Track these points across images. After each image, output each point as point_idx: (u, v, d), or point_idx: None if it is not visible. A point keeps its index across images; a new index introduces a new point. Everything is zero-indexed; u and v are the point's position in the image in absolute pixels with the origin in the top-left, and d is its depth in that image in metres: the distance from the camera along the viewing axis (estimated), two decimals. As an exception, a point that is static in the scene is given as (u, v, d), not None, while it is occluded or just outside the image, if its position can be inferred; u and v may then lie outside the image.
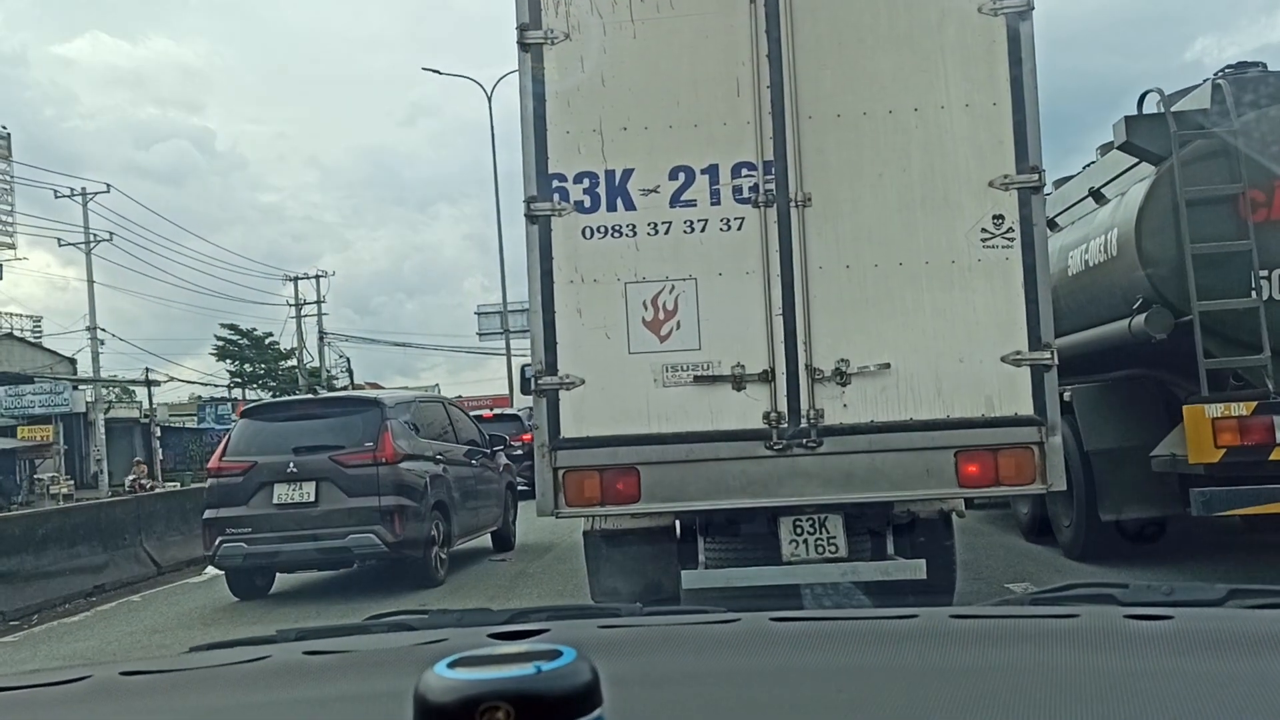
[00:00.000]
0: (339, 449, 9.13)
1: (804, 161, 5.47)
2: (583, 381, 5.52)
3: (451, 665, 0.67)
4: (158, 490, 20.83)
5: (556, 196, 5.53)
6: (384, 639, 1.38)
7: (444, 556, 9.69)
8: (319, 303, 43.21)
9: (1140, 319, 7.07)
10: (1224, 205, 6.84)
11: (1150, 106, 7.39)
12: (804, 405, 5.44)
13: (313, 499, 9.00)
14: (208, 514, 9.32)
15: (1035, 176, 5.42)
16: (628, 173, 5.52)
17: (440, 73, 56.36)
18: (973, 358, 5.38)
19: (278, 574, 9.75)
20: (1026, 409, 5.38)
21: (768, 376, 5.46)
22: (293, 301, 42.86)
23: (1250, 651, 1.03)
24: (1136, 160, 7.32)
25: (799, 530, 5.59)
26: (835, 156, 5.49)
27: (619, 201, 5.52)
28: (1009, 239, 5.42)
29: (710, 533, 5.87)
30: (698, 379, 5.47)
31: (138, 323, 78.53)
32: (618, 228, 5.51)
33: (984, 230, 5.43)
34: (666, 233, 5.49)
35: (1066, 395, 7.85)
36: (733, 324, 5.47)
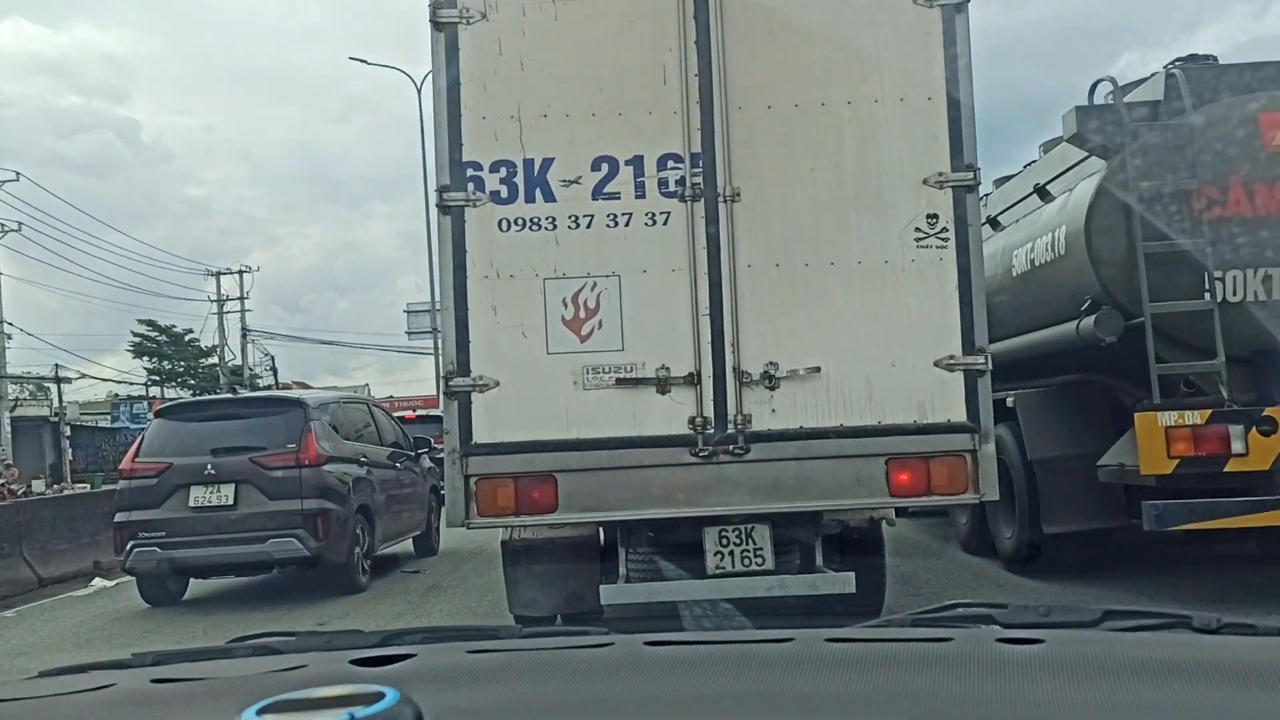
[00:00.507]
0: (260, 450, 8.84)
1: (733, 154, 5.23)
2: (497, 383, 5.20)
3: (260, 712, 0.65)
4: (32, 496, 19.70)
5: (471, 186, 5.22)
6: (244, 664, 1.34)
7: (367, 562, 9.47)
8: (241, 298, 41.91)
9: (1089, 321, 6.76)
10: (1178, 202, 6.48)
11: (1100, 98, 7.06)
12: (731, 410, 5.20)
13: (231, 502, 8.73)
14: (119, 517, 8.95)
15: (970, 175, 5.24)
16: (547, 162, 5.22)
17: (367, 62, 54.87)
18: (905, 362, 5.19)
19: (192, 580, 9.44)
20: (960, 415, 5.20)
21: (693, 380, 5.21)
22: (214, 297, 41.50)
23: (1119, 677, 1.03)
24: (1085, 155, 7.04)
25: (724, 541, 5.34)
26: (766, 150, 5.26)
27: (538, 192, 5.22)
28: (943, 239, 5.24)
29: (632, 544, 5.59)
30: (620, 381, 5.19)
31: (57, 318, 75.64)
32: (536, 220, 5.22)
33: (918, 230, 5.24)
34: (588, 226, 5.21)
35: (1010, 401, 7.70)
36: (657, 324, 5.22)
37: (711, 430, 5.19)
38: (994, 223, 8.46)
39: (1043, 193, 7.71)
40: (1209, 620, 1.30)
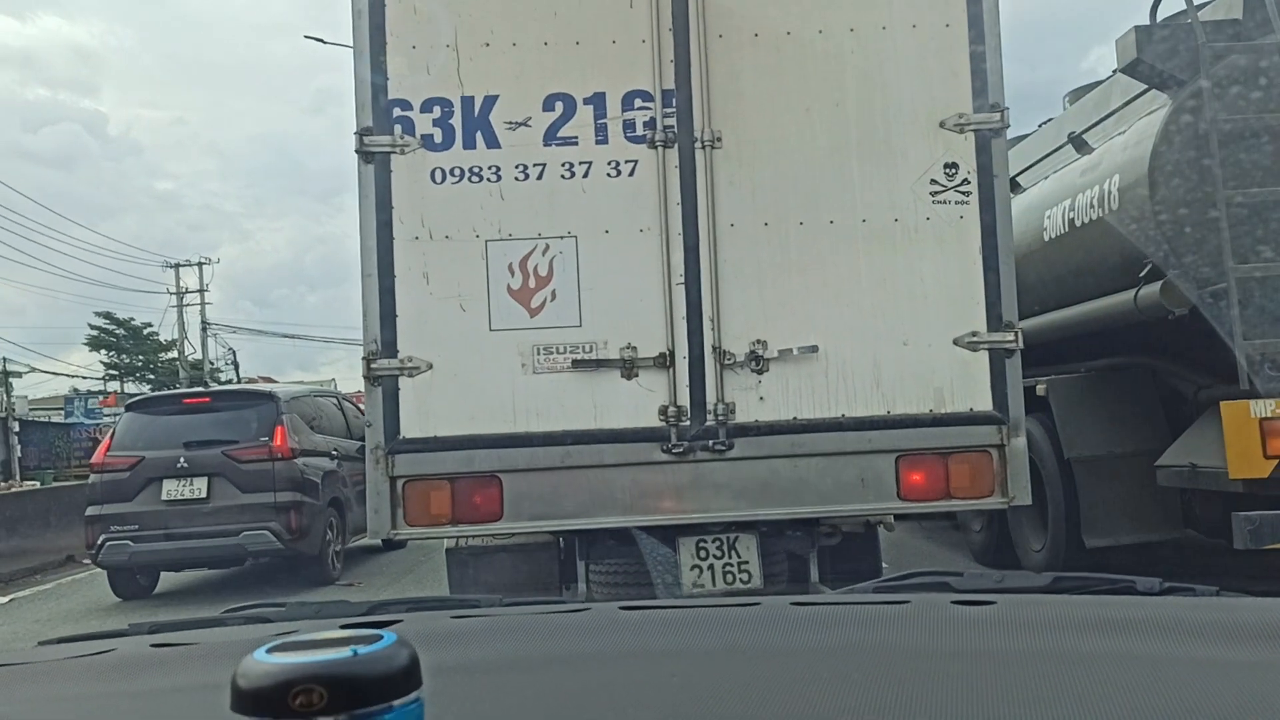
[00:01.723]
0: (232, 444, 8.97)
1: (713, 91, 4.41)
2: (430, 366, 4.35)
3: (270, 650, 0.68)
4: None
5: (398, 129, 4.36)
6: (237, 632, 1.39)
7: (339, 553, 9.63)
8: (201, 291, 40.51)
9: (1152, 289, 5.64)
10: (1268, 141, 5.40)
11: (1165, 16, 5.85)
12: (711, 398, 4.38)
13: (204, 495, 8.84)
14: (90, 510, 8.99)
15: (997, 116, 4.43)
16: (490, 100, 4.37)
17: (324, 41, 52.94)
18: (919, 340, 4.39)
19: (162, 573, 9.52)
20: (984, 404, 4.39)
21: (666, 361, 4.37)
22: (174, 290, 40.19)
23: (1066, 633, 1.11)
24: (1138, 91, 5.92)
25: (703, 554, 4.50)
26: (752, 86, 4.43)
27: (479, 137, 4.39)
28: (964, 193, 4.41)
29: (594, 555, 4.74)
30: (577, 364, 4.35)
31: (23, 312, 74.24)
32: (477, 170, 4.36)
33: (934, 182, 4.42)
34: (539, 178, 4.37)
35: (1040, 389, 6.68)
36: (622, 295, 4.39)
37: (687, 422, 4.38)
38: (1012, 184, 7.36)
39: (1079, 143, 6.64)
40: (1151, 584, 1.39)
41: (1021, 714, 0.86)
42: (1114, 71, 6.15)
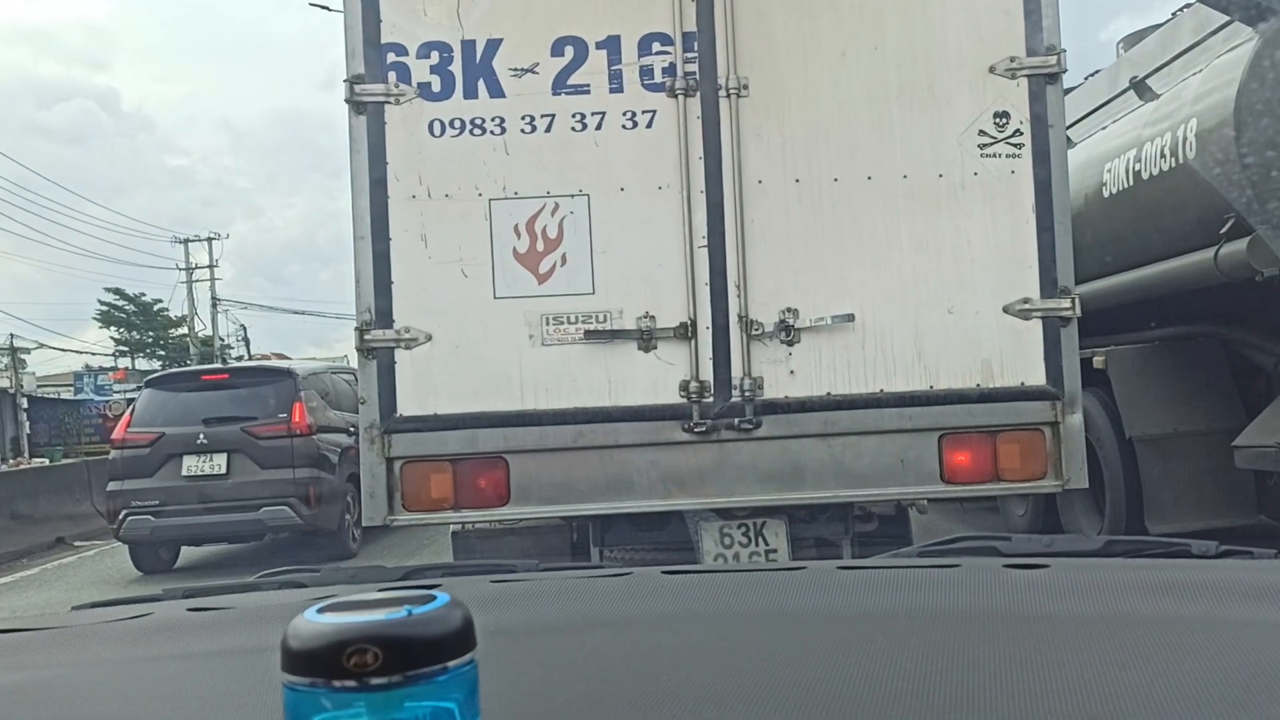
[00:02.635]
0: (251, 420, 9.01)
1: (738, 34, 4.04)
2: (429, 337, 3.99)
3: (321, 611, 0.66)
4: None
5: (393, 76, 3.98)
6: (272, 596, 1.39)
7: (358, 529, 9.43)
8: (211, 266, 40.04)
9: (1236, 247, 5.07)
10: None
11: None
12: (736, 372, 4.02)
13: (224, 471, 8.89)
14: (112, 486, 9.07)
15: (1054, 60, 4.03)
16: (493, 45, 3.99)
17: (329, 9, 52.46)
18: (966, 308, 4.02)
19: (184, 547, 9.62)
20: (1037, 378, 4.02)
21: (687, 332, 4.01)
22: (183, 265, 39.75)
23: (1121, 597, 1.09)
24: (1215, 25, 5.35)
25: (728, 541, 4.15)
26: (782, 28, 4.05)
27: (481, 85, 4.01)
28: (1016, 145, 4.02)
29: (608, 542, 4.40)
30: (590, 335, 3.99)
31: (37, 289, 74.21)
32: (479, 122, 3.99)
33: (983, 133, 4.03)
34: (548, 130, 4.00)
35: (1098, 361, 6.19)
36: (639, 259, 4.03)
37: (710, 399, 4.01)
38: None
39: (1141, 89, 6.07)
40: (1208, 547, 1.34)
41: (1079, 677, 0.83)
42: (1174, 14, 5.68)
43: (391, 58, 3.99)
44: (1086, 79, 7.30)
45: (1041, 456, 4.06)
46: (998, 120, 4.03)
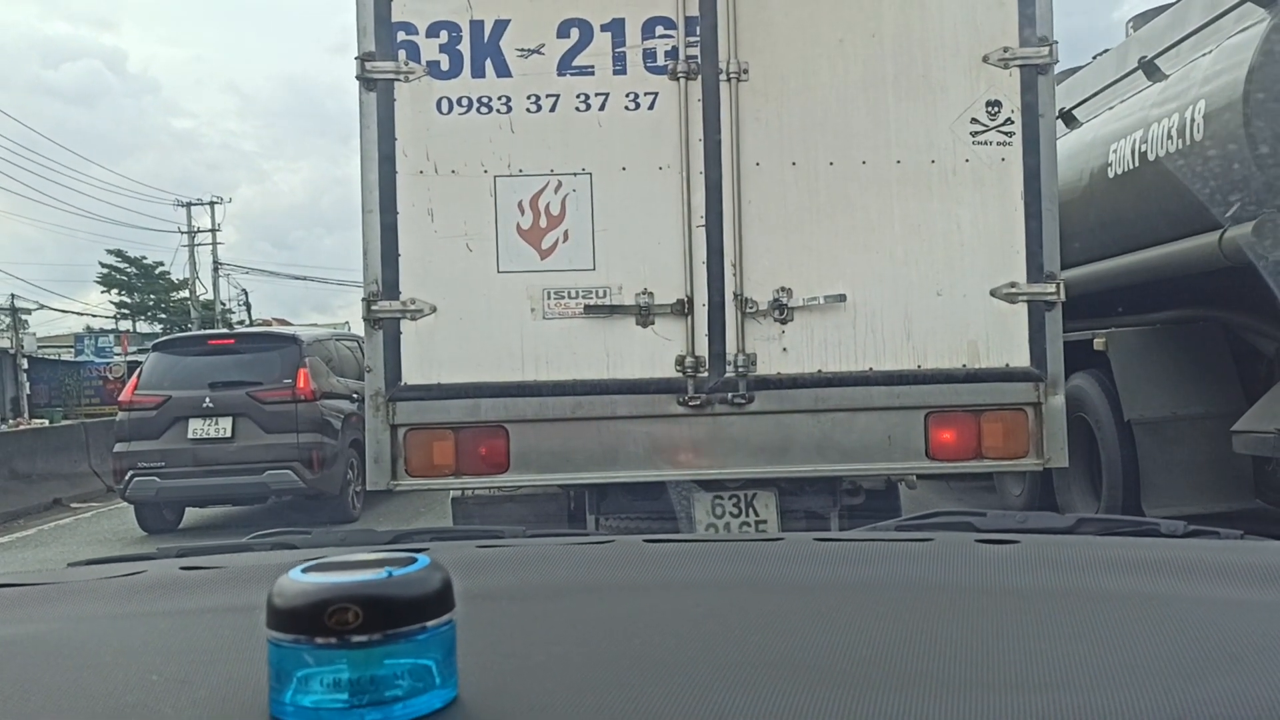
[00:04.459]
0: (256, 385, 9.14)
1: (739, 20, 4.13)
2: (433, 309, 4.12)
3: (305, 570, 0.69)
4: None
5: (403, 54, 4.08)
6: (264, 556, 1.40)
7: (359, 493, 9.64)
8: (214, 230, 39.89)
9: (1243, 230, 4.96)
10: None
11: None
12: (731, 348, 4.14)
13: (229, 434, 9.03)
14: (118, 447, 9.22)
15: (1045, 51, 4.12)
16: (501, 25, 4.09)
17: None
18: (954, 290, 4.13)
19: (188, 509, 9.79)
20: (1022, 359, 4.14)
21: (684, 309, 4.13)
22: (185, 228, 39.66)
23: (1090, 573, 1.11)
24: (1218, 12, 5.33)
25: (719, 511, 4.29)
26: (782, 15, 4.14)
27: (488, 64, 4.10)
28: (1007, 133, 4.12)
29: (604, 510, 4.53)
30: (590, 309, 4.11)
31: (40, 250, 74.22)
32: (486, 100, 4.09)
33: (975, 121, 4.13)
34: (552, 110, 4.10)
35: (1098, 343, 6.14)
36: (639, 237, 4.14)
37: (705, 373, 4.14)
38: (1068, 118, 6.80)
39: (1150, 69, 6.02)
40: (1176, 526, 1.39)
41: (1046, 649, 0.85)
42: None
43: (402, 36, 4.09)
44: (1095, 58, 7.27)
45: (1024, 436, 4.19)
46: (990, 109, 4.13)
